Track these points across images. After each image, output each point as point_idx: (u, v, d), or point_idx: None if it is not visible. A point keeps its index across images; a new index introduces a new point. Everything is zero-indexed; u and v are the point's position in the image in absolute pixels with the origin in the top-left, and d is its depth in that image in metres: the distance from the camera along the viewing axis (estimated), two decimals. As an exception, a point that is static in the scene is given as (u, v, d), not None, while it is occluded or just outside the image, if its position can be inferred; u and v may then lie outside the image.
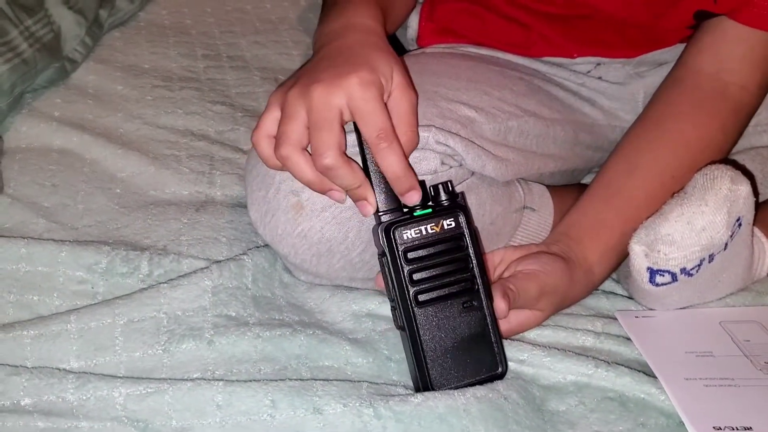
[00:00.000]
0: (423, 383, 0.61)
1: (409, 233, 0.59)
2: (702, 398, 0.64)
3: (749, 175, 0.71)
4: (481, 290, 0.61)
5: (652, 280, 0.69)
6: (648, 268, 0.68)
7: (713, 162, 0.72)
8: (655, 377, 0.66)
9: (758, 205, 0.84)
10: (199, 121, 0.93)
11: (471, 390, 0.60)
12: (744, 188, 0.67)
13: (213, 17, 1.16)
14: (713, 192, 0.66)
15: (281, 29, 1.16)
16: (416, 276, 0.59)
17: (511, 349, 0.66)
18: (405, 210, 0.61)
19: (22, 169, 0.81)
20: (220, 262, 0.71)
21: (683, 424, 0.62)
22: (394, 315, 0.62)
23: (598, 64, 0.91)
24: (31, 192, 0.79)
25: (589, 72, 0.91)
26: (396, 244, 0.59)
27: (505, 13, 0.89)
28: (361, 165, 0.62)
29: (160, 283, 0.68)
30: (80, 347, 0.63)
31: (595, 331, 0.72)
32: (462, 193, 0.67)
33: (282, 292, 0.72)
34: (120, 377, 0.60)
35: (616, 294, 0.79)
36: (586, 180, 0.96)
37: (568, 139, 0.86)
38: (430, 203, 0.61)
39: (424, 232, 0.59)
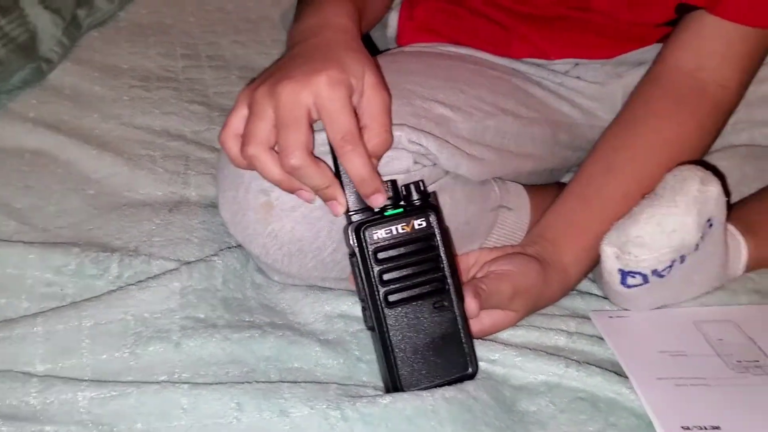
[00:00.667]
0: (393, 384, 0.60)
1: (380, 233, 0.59)
2: (672, 398, 0.63)
3: (720, 175, 0.71)
4: (452, 290, 0.60)
5: (623, 282, 0.69)
6: (619, 270, 0.68)
7: (684, 162, 0.71)
8: (627, 377, 0.65)
9: (734, 204, 0.85)
10: (175, 121, 0.92)
11: (440, 391, 0.59)
12: (714, 189, 0.67)
13: (194, 17, 1.15)
14: (683, 193, 0.66)
15: (262, 28, 1.15)
16: (386, 276, 0.59)
17: (482, 349, 0.66)
18: (376, 210, 0.61)
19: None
20: (190, 263, 0.70)
21: (652, 425, 0.62)
22: (364, 315, 0.61)
23: (577, 64, 0.91)
24: (2, 193, 0.79)
25: (567, 72, 0.91)
26: (366, 245, 0.59)
27: (485, 13, 0.88)
28: (333, 164, 0.62)
29: (129, 285, 0.67)
30: (46, 350, 0.62)
31: (569, 330, 0.72)
32: (434, 192, 0.66)
33: (254, 293, 0.72)
34: (85, 380, 0.59)
35: (592, 294, 0.78)
36: (565, 179, 0.96)
37: (546, 139, 0.86)
38: (401, 203, 0.61)
39: (394, 232, 0.59)
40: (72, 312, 0.64)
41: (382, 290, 0.59)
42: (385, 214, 0.60)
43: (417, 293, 0.60)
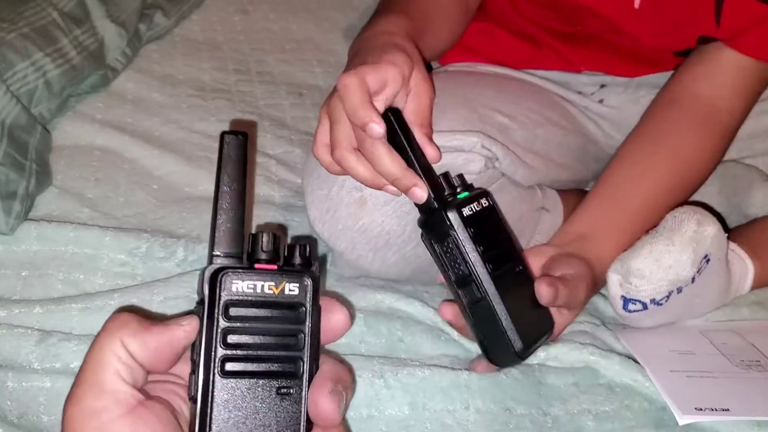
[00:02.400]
0: None
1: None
2: (685, 386, 0.70)
3: (718, 215, 0.78)
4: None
5: (625, 307, 0.75)
6: (622, 296, 0.74)
7: (683, 204, 0.77)
8: (642, 368, 0.72)
9: (741, 226, 0.92)
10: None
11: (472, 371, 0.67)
12: (711, 229, 0.73)
13: (243, 35, 1.24)
14: (680, 233, 0.72)
15: (305, 48, 1.24)
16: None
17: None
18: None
19: (68, 164, 0.89)
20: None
21: (664, 408, 0.68)
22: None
23: (602, 86, 0.98)
24: (76, 184, 0.86)
25: (592, 94, 0.98)
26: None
27: (521, 29, 0.96)
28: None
29: (195, 270, 0.75)
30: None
31: (595, 323, 0.79)
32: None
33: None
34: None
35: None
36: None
37: (578, 150, 0.93)
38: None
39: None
40: (144, 289, 0.72)
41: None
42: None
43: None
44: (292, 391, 0.45)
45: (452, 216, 0.62)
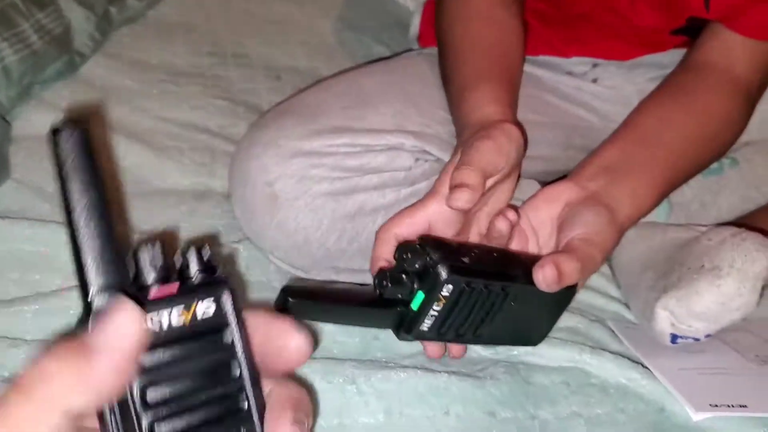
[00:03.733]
0: None
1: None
2: (697, 383, 0.65)
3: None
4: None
5: (673, 341, 0.69)
6: (671, 334, 0.69)
7: (743, 230, 0.70)
8: (639, 364, 0.67)
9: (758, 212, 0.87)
10: (202, 116, 0.95)
11: (453, 371, 0.62)
12: None
13: (220, 17, 1.19)
14: (752, 275, 0.65)
15: (286, 29, 1.18)
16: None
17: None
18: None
19: (28, 156, 0.84)
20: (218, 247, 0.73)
21: (662, 410, 0.64)
22: None
23: (595, 65, 0.93)
24: (36, 177, 0.81)
25: (585, 74, 0.93)
26: None
27: None
28: None
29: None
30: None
31: (588, 318, 0.74)
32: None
33: (277, 277, 0.74)
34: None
35: (610, 297, 0.81)
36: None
37: (559, 142, 0.88)
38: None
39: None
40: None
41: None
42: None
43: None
44: (243, 429, 0.35)
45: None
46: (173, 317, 0.32)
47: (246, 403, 0.35)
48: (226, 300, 0.34)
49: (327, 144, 0.72)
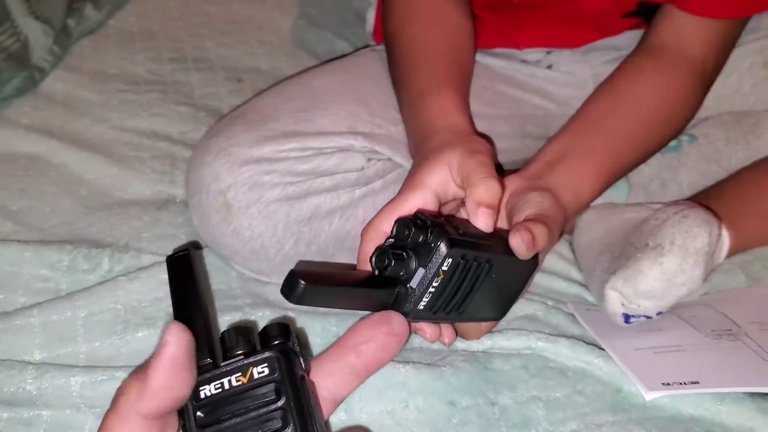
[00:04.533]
0: None
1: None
2: (651, 362, 0.67)
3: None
4: None
5: (626, 321, 0.70)
6: (623, 314, 0.70)
7: (686, 206, 0.72)
8: (597, 347, 0.68)
9: (714, 186, 0.88)
10: (162, 123, 0.96)
11: (411, 363, 0.63)
12: (716, 234, 0.69)
13: (180, 21, 1.19)
14: (693, 251, 0.67)
15: (246, 30, 1.18)
16: None
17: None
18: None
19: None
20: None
21: (619, 391, 0.65)
22: None
23: (548, 53, 0.94)
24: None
25: (539, 61, 0.94)
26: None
27: None
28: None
29: (119, 276, 0.71)
30: (43, 339, 0.66)
31: (546, 304, 0.75)
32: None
33: (240, 284, 0.75)
34: (78, 366, 0.63)
35: (572, 280, 0.82)
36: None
37: (515, 133, 0.89)
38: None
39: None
40: (66, 303, 0.68)
41: None
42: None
43: None
44: None
45: None
46: (233, 380, 0.41)
47: None
48: (279, 362, 0.41)
49: (277, 150, 0.73)
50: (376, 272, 0.55)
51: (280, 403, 0.40)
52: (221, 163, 0.71)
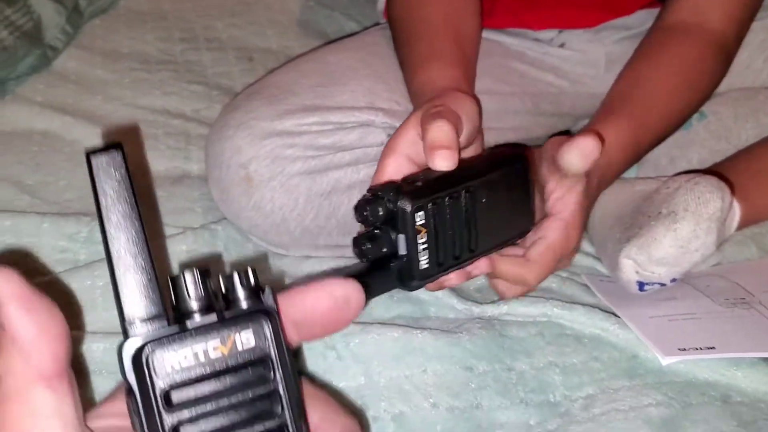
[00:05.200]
0: None
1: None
2: (667, 329, 0.67)
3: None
4: None
5: (641, 289, 0.71)
6: (638, 282, 0.70)
7: (697, 174, 0.73)
8: (612, 314, 0.69)
9: (725, 160, 0.88)
10: (175, 101, 0.96)
11: (429, 330, 0.64)
12: (728, 200, 0.69)
13: (190, 2, 1.19)
14: (706, 217, 0.67)
15: (256, 10, 1.19)
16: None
17: (477, 295, 0.70)
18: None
19: (6, 151, 0.85)
20: (195, 229, 0.75)
21: (635, 357, 0.65)
22: None
23: (561, 32, 0.94)
24: (15, 171, 0.83)
25: (551, 40, 0.94)
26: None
27: None
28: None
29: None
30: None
31: (561, 276, 0.75)
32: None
33: (256, 257, 0.76)
34: (99, 333, 0.64)
35: (584, 253, 0.82)
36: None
37: (528, 110, 0.90)
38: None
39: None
40: (85, 272, 0.69)
41: None
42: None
43: None
44: None
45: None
46: (209, 350, 0.31)
47: None
48: (267, 329, 0.32)
49: (298, 123, 0.73)
50: (364, 261, 0.54)
51: (273, 385, 0.32)
52: (242, 137, 0.71)
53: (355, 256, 0.55)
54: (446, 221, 0.55)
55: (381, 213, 0.53)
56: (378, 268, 0.54)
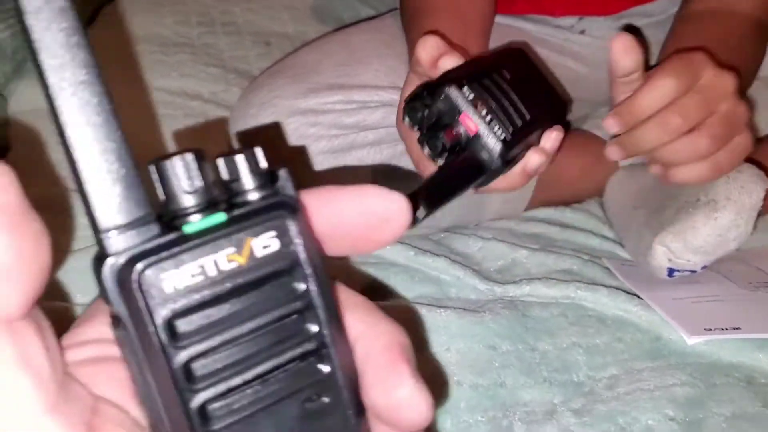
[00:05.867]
0: None
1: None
2: (691, 310, 0.67)
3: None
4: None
5: (670, 275, 0.70)
6: (668, 268, 0.69)
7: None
8: (635, 296, 0.69)
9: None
10: (193, 83, 0.96)
11: (452, 308, 0.63)
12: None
13: (207, -14, 1.19)
14: (748, 206, 0.66)
15: (273, -5, 1.19)
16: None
17: (497, 276, 0.70)
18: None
19: (26, 131, 0.85)
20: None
21: (659, 338, 0.65)
22: None
23: (581, 19, 0.94)
24: (35, 153, 0.83)
25: (572, 27, 0.94)
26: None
27: None
28: None
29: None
30: (84, 285, 0.66)
31: (582, 258, 0.75)
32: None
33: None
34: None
35: (604, 237, 0.82)
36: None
37: None
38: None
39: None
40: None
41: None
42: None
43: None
44: (325, 398, 0.24)
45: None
46: (219, 260, 0.22)
47: (329, 366, 0.24)
48: (292, 225, 0.23)
49: (322, 102, 0.73)
50: (437, 159, 0.55)
51: (306, 295, 0.24)
52: (267, 115, 0.71)
53: (426, 157, 0.55)
54: (493, 91, 0.56)
55: (437, 105, 0.54)
56: (462, 156, 0.55)
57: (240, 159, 0.23)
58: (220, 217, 0.22)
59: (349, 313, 0.25)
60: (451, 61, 0.56)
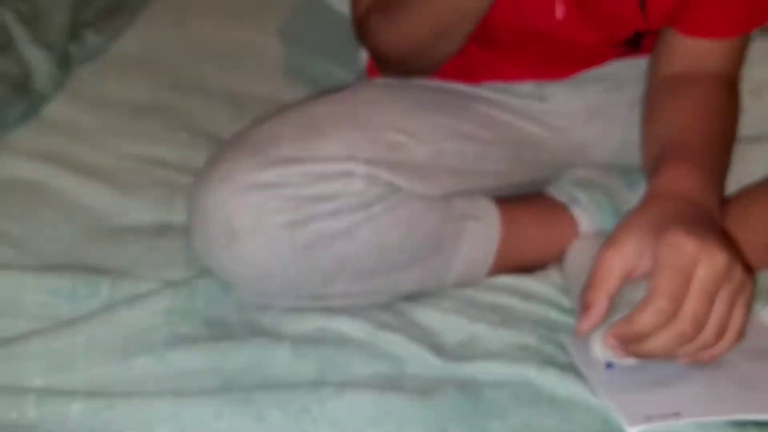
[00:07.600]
0: None
1: None
2: (635, 395, 0.67)
3: None
4: None
5: (608, 367, 0.70)
6: (606, 362, 0.69)
7: None
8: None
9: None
10: (161, 149, 0.97)
11: (404, 392, 0.65)
12: None
13: (180, 48, 1.20)
14: None
15: (245, 55, 1.21)
16: None
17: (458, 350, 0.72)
18: None
19: (-7, 201, 0.86)
20: (175, 284, 0.76)
21: (607, 420, 0.66)
22: None
23: (539, 85, 0.96)
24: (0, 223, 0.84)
25: (530, 94, 0.96)
26: None
27: None
28: None
29: (118, 303, 0.73)
30: (44, 366, 0.67)
31: (540, 333, 0.76)
32: None
33: (236, 313, 0.76)
34: (78, 393, 0.64)
35: (564, 309, 0.82)
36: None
37: (508, 157, 0.91)
38: None
39: None
40: (66, 330, 0.70)
41: None
42: None
43: None
44: None
45: None
46: None
47: None
48: None
49: (280, 175, 0.74)
50: None
51: None
52: (225, 190, 0.72)
53: None
54: None
55: None
56: None
57: None
58: None
59: None
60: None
